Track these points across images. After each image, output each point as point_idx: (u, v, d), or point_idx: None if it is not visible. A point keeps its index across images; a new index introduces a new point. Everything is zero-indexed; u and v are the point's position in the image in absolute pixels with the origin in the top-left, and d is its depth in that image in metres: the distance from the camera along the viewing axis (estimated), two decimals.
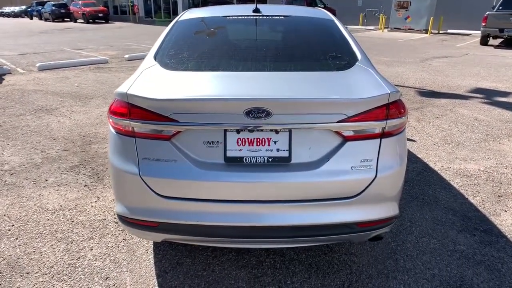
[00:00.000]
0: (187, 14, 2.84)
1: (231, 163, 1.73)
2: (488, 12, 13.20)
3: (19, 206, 2.88)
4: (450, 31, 19.46)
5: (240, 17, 2.65)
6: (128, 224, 1.89)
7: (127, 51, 11.77)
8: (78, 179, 3.34)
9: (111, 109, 1.81)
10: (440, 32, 19.00)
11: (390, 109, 1.73)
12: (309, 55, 2.24)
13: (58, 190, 3.15)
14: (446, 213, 2.81)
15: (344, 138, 1.71)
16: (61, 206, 2.89)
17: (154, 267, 2.21)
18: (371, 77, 1.92)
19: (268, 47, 2.33)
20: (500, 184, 3.28)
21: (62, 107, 5.62)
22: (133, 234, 2.19)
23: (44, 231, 2.56)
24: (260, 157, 1.73)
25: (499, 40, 14.44)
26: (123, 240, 2.46)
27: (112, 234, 2.52)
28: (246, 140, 1.72)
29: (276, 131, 1.71)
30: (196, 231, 1.81)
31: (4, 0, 52.20)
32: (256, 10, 2.69)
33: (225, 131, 1.71)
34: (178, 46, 2.33)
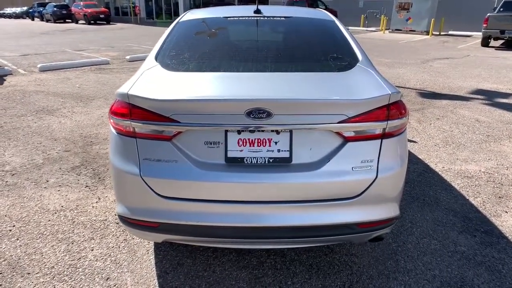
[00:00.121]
0: (188, 15, 2.85)
1: (232, 164, 1.73)
2: (489, 14, 13.22)
3: (20, 207, 2.89)
4: (451, 32, 19.47)
5: (242, 18, 2.66)
6: (129, 225, 1.89)
7: (128, 52, 11.80)
8: (79, 180, 3.34)
9: (112, 109, 1.82)
10: (441, 33, 19.01)
11: (390, 109, 1.73)
12: (310, 56, 2.25)
13: (59, 190, 3.15)
14: (447, 214, 2.81)
15: (345, 138, 1.71)
16: (62, 206, 2.90)
17: (155, 268, 2.21)
18: (372, 78, 1.93)
19: (269, 48, 2.34)
20: (501, 185, 3.28)
21: (63, 108, 5.64)
22: (134, 235, 2.19)
23: (45, 232, 2.56)
24: (261, 157, 1.73)
25: (500, 42, 14.45)
26: (124, 240, 2.46)
27: (113, 235, 2.53)
28: (247, 141, 1.72)
29: (277, 132, 1.71)
30: (196, 232, 1.81)
31: (6, 1, 52.33)
32: (257, 11, 2.70)
33: (226, 131, 1.71)
34: (179, 47, 2.33)
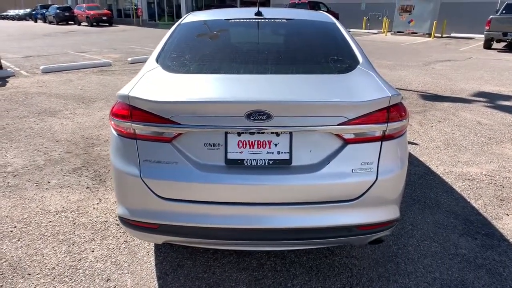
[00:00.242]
0: (190, 17, 2.86)
1: (232, 166, 1.74)
2: (492, 16, 13.21)
3: (21, 208, 2.90)
4: (453, 34, 19.45)
5: (243, 20, 2.66)
6: (129, 226, 1.90)
7: (131, 54, 11.84)
8: (80, 181, 3.35)
9: (113, 111, 1.83)
10: (444, 35, 19.00)
11: (391, 112, 1.73)
12: (310, 58, 2.25)
13: (61, 192, 3.16)
14: (447, 216, 2.80)
15: (345, 141, 1.72)
16: (63, 208, 2.91)
17: (155, 269, 2.21)
18: (372, 80, 1.93)
19: (269, 50, 2.34)
20: (502, 187, 3.27)
21: (65, 110, 5.66)
22: (134, 236, 2.20)
23: (46, 233, 2.57)
24: (260, 159, 1.73)
25: (503, 44, 14.41)
26: (125, 242, 2.47)
27: (113, 236, 2.53)
28: (247, 143, 1.73)
29: (277, 134, 1.71)
30: (196, 233, 1.81)
31: (9, 3, 52.67)
32: (259, 13, 2.70)
33: (226, 133, 1.72)
34: (180, 48, 2.34)
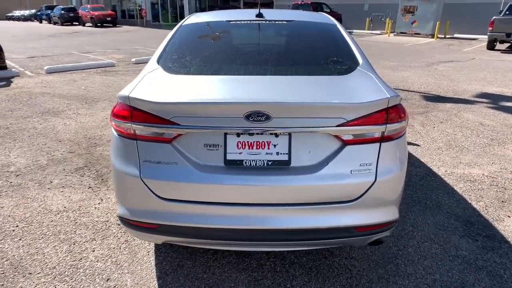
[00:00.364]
0: (191, 18, 2.87)
1: (231, 166, 1.74)
2: (495, 17, 13.14)
3: (23, 207, 2.92)
4: (456, 35, 19.37)
5: (243, 21, 2.67)
6: (129, 226, 1.91)
7: (134, 54, 11.90)
8: (82, 181, 3.38)
9: (114, 112, 1.84)
10: (447, 36, 18.92)
11: (389, 113, 1.73)
12: (310, 59, 2.25)
13: (63, 191, 3.19)
14: (448, 218, 2.79)
15: (344, 142, 1.72)
16: (65, 207, 2.93)
17: (155, 269, 2.22)
18: (372, 81, 1.93)
19: (269, 52, 2.35)
20: (504, 189, 3.25)
21: (69, 110, 5.70)
22: (134, 236, 2.21)
23: (48, 232, 2.59)
24: (260, 160, 1.74)
25: (506, 45, 14.35)
26: (125, 241, 2.48)
27: (114, 236, 2.55)
28: (246, 144, 1.73)
29: (276, 135, 1.72)
30: (196, 234, 1.82)
31: (15, 4, 53.09)
32: (259, 15, 2.71)
33: (225, 134, 1.73)
34: (181, 50, 2.36)
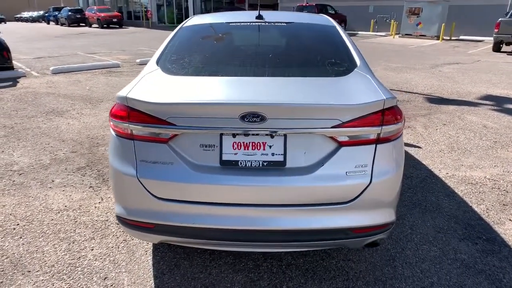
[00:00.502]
0: (192, 20, 2.89)
1: (227, 167, 1.75)
2: (501, 19, 13.03)
3: (25, 206, 2.96)
4: (462, 37, 19.23)
5: (243, 23, 2.68)
6: (126, 225, 1.93)
7: (139, 55, 11.97)
8: (83, 180, 3.40)
9: (112, 112, 1.86)
10: (452, 38, 18.80)
11: (385, 115, 1.73)
12: (308, 61, 2.26)
13: (64, 190, 3.22)
14: (448, 220, 2.77)
15: (339, 143, 1.72)
16: (65, 206, 2.96)
17: (152, 269, 2.23)
18: (368, 83, 1.93)
19: (267, 53, 2.36)
20: (506, 192, 3.22)
21: (73, 110, 5.75)
22: (131, 235, 2.23)
23: (48, 231, 2.62)
24: (255, 161, 1.74)
25: None
26: (124, 241, 2.50)
27: (113, 235, 2.57)
28: (242, 144, 1.74)
29: (271, 136, 1.72)
30: (191, 234, 1.83)
31: (23, 6, 53.81)
32: (259, 17, 2.72)
33: (221, 135, 1.73)
34: (180, 51, 2.37)
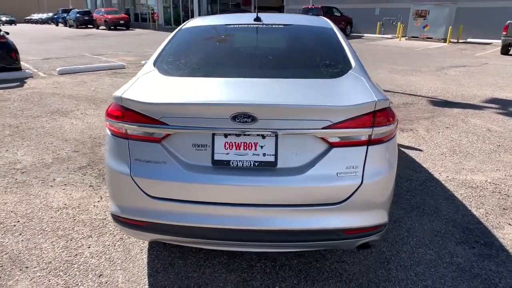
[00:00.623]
0: (192, 22, 2.92)
1: (218, 166, 1.77)
2: (509, 21, 12.89)
3: (26, 203, 3.00)
4: (470, 40, 19.04)
5: (241, 25, 2.71)
6: (120, 223, 1.95)
7: (144, 57, 12.07)
8: (84, 179, 3.45)
9: (108, 111, 1.89)
10: (460, 41, 18.63)
11: (377, 116, 1.73)
12: (302, 62, 2.27)
13: (64, 189, 3.26)
14: (446, 224, 2.75)
15: (330, 144, 1.72)
16: (65, 204, 3.00)
17: (146, 267, 2.25)
18: (362, 85, 1.93)
19: (263, 55, 2.38)
20: (507, 196, 3.19)
21: (77, 110, 5.83)
22: (125, 233, 2.26)
23: (47, 228, 2.66)
24: (246, 161, 1.76)
25: None
26: (120, 239, 2.53)
27: (110, 233, 2.60)
28: (233, 144, 1.76)
29: (263, 136, 1.74)
30: (183, 232, 1.85)
31: (33, 8, 54.75)
32: (257, 19, 2.74)
33: (213, 135, 1.75)
34: (177, 52, 2.40)
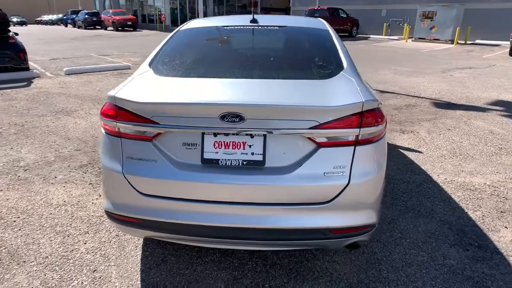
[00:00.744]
0: (190, 23, 2.96)
1: (208, 165, 1.80)
2: None
3: (26, 200, 3.07)
4: (478, 41, 18.84)
5: (237, 27, 2.74)
6: (112, 219, 1.99)
7: None
8: (84, 177, 3.51)
9: (102, 110, 1.94)
10: (467, 42, 18.44)
11: (364, 117, 1.74)
12: (294, 64, 2.29)
13: (65, 186, 3.33)
14: (441, 226, 2.74)
15: (318, 144, 1.74)
16: (64, 201, 3.06)
17: (140, 263, 2.29)
18: (351, 85, 1.94)
19: (256, 56, 2.40)
20: (505, 199, 3.16)
21: (81, 110, 5.92)
22: (118, 229, 2.30)
23: (45, 224, 2.72)
24: (235, 160, 1.79)
25: None
26: (116, 236, 2.57)
27: (106, 230, 2.64)
28: (223, 143, 1.79)
29: (251, 136, 1.76)
30: (173, 229, 1.88)
31: (43, 9, 55.71)
32: (254, 21, 2.77)
33: (202, 134, 1.78)
34: (173, 53, 2.44)
